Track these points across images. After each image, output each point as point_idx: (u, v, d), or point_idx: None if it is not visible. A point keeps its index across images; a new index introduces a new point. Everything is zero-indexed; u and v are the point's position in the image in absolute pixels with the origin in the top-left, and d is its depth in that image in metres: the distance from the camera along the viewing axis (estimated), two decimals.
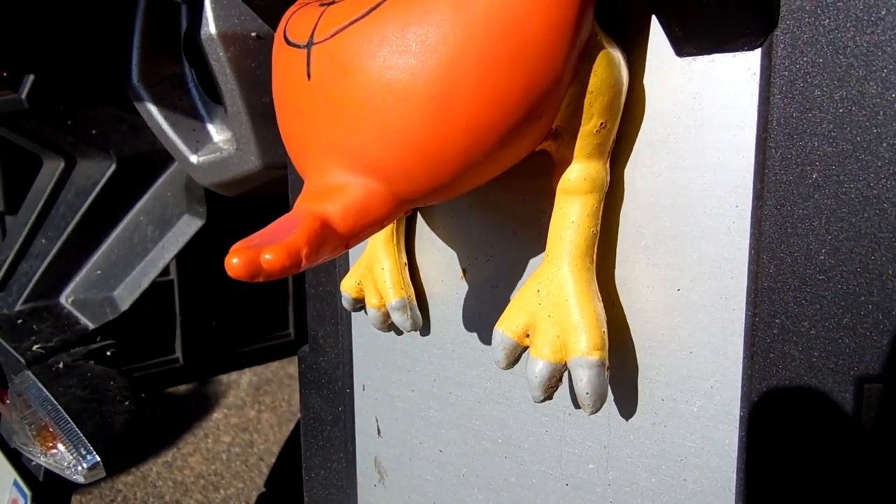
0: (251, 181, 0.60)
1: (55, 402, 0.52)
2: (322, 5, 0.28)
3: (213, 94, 0.64)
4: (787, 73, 0.24)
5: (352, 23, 0.25)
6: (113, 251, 0.68)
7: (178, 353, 1.16)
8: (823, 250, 0.24)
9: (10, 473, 0.66)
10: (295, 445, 2.45)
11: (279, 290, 1.45)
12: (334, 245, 0.25)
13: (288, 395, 2.79)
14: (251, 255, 0.23)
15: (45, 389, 0.53)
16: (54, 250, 0.67)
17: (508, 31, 0.24)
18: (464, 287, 0.37)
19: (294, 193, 0.47)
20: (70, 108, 0.66)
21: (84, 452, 0.49)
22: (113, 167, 0.67)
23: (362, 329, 0.44)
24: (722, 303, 0.27)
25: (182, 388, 2.75)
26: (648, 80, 0.28)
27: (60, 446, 0.50)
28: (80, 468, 0.49)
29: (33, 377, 0.56)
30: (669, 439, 0.29)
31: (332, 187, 0.26)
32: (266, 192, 0.64)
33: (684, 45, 0.27)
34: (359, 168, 0.26)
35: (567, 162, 0.28)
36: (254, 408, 2.75)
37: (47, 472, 0.64)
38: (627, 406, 0.30)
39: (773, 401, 0.26)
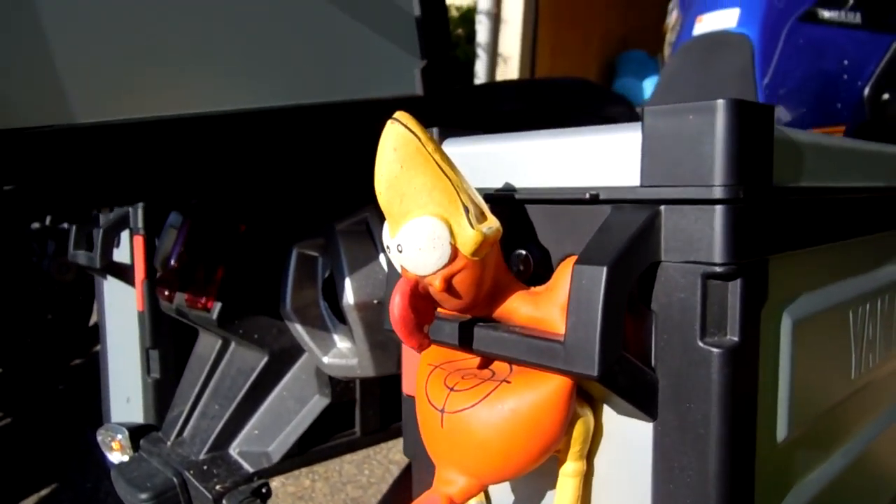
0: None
1: None
2: (447, 387, 0.58)
3: (338, 315, 0.94)
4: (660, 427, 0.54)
5: (463, 409, 0.56)
6: (265, 416, 1.00)
7: None
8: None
9: None
10: None
11: (348, 399, 1.71)
12: None
13: (339, 466, 3.07)
14: None
15: None
16: (227, 415, 0.99)
17: (535, 423, 0.54)
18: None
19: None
20: (241, 321, 0.98)
21: None
22: (266, 359, 0.99)
23: None
24: None
25: None
26: (605, 418, 0.58)
27: None
28: None
29: None
30: None
31: (451, 480, 0.56)
32: None
33: (613, 405, 0.57)
34: (465, 472, 0.56)
35: (564, 461, 0.58)
36: (308, 477, 3.04)
37: None
38: None
39: None
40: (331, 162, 0.85)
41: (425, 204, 0.53)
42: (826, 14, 2.09)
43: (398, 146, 0.53)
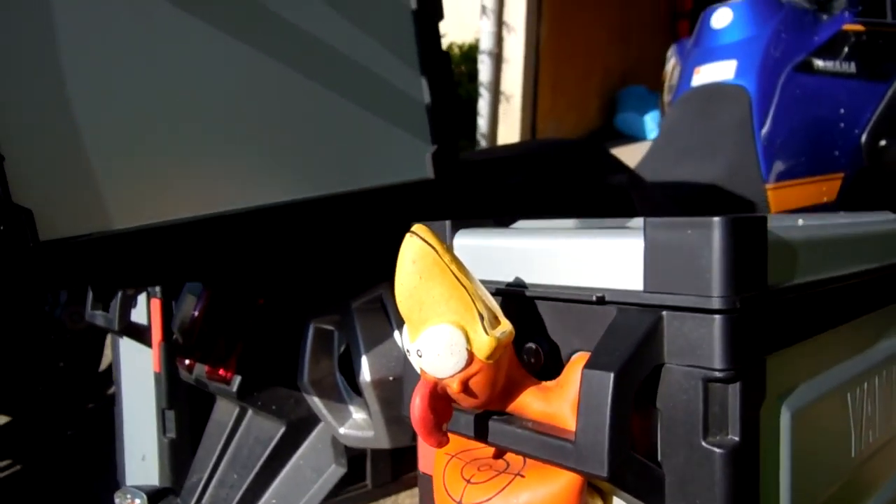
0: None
1: None
2: (464, 479, 0.61)
3: (354, 387, 0.98)
4: None
5: (479, 503, 0.59)
6: (283, 486, 1.02)
7: None
8: None
9: None
10: None
11: (360, 454, 1.73)
12: None
13: None
14: None
15: None
16: (245, 485, 1.02)
17: None
18: None
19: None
20: (260, 392, 1.01)
21: None
22: (283, 429, 1.02)
23: None
24: None
25: None
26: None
27: None
28: None
29: None
30: None
31: None
32: None
33: (622, 498, 0.59)
34: None
35: None
36: None
37: None
38: None
39: None
40: (347, 243, 0.90)
41: (443, 312, 0.56)
42: (821, 64, 2.15)
43: (417, 258, 0.57)
